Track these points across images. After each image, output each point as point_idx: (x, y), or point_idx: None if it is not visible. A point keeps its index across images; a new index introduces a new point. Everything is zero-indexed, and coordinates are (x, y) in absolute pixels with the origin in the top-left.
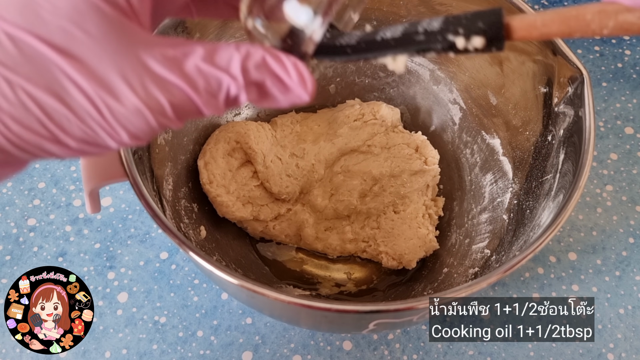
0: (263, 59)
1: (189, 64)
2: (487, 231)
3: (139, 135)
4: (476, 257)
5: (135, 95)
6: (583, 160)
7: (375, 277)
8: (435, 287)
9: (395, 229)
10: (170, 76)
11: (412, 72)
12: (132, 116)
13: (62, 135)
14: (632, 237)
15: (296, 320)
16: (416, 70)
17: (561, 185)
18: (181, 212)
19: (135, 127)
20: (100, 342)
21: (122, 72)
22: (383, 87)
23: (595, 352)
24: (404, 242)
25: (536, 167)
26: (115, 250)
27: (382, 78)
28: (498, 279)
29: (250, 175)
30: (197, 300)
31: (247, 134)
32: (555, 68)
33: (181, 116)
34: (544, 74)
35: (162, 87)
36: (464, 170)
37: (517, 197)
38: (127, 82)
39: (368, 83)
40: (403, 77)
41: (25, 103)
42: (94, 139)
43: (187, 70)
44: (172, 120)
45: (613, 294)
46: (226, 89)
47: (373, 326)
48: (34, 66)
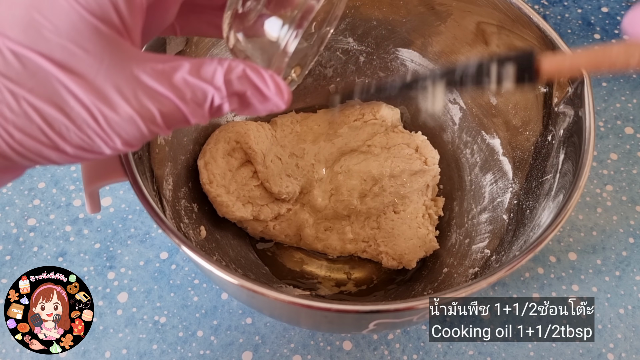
0: (244, 72)
1: (177, 77)
2: (487, 231)
3: (131, 142)
4: (476, 257)
5: (129, 105)
6: (583, 160)
7: (375, 277)
8: (435, 287)
9: (395, 229)
10: (160, 88)
11: (412, 73)
12: (125, 124)
13: (61, 143)
14: (632, 237)
15: (296, 320)
16: (416, 70)
17: (561, 185)
18: (181, 212)
19: (128, 134)
20: (100, 342)
21: (117, 85)
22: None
23: (595, 352)
24: (404, 242)
25: (536, 167)
26: (115, 250)
27: (381, 78)
28: (498, 279)
29: (250, 175)
30: (197, 300)
31: (247, 134)
32: None
33: (170, 124)
34: None
35: (153, 98)
36: (464, 170)
37: (517, 197)
38: (122, 93)
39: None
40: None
41: (28, 113)
42: (90, 146)
43: (175, 82)
44: (161, 127)
45: (613, 294)
46: (211, 99)
47: (373, 326)
48: (37, 80)
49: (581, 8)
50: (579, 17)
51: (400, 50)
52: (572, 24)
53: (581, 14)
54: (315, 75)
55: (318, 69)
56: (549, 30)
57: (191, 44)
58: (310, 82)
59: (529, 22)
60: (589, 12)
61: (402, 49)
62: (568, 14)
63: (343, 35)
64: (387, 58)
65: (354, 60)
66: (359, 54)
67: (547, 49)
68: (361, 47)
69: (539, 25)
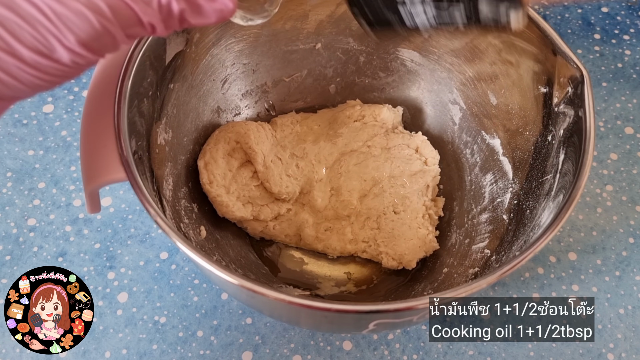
0: None
1: None
2: (487, 231)
3: (87, 42)
4: (476, 257)
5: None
6: (583, 160)
7: (375, 277)
8: (436, 287)
9: (395, 229)
10: None
11: (412, 72)
12: (76, 18)
13: (15, 44)
14: (632, 237)
15: (296, 321)
16: (416, 70)
17: (561, 185)
18: (181, 212)
19: (81, 30)
20: (100, 342)
21: None
22: (383, 87)
23: (595, 352)
24: (404, 243)
25: (536, 167)
26: (115, 250)
27: (382, 78)
28: (498, 279)
29: (251, 175)
30: (197, 300)
31: (247, 134)
32: (555, 68)
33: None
34: (544, 74)
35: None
36: (464, 170)
37: (517, 197)
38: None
39: (368, 83)
40: (403, 77)
41: None
42: (46, 47)
43: None
44: (114, 25)
45: (613, 294)
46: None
47: (373, 326)
48: None
49: (581, 8)
50: (579, 17)
51: (400, 50)
52: (572, 24)
53: (581, 14)
54: (315, 75)
55: (318, 69)
56: (549, 30)
57: (191, 44)
58: (310, 82)
59: (529, 22)
60: (589, 12)
61: (402, 49)
62: (568, 14)
63: (343, 35)
64: (387, 58)
65: (354, 60)
66: (359, 54)
67: (547, 49)
68: (361, 47)
69: (538, 24)
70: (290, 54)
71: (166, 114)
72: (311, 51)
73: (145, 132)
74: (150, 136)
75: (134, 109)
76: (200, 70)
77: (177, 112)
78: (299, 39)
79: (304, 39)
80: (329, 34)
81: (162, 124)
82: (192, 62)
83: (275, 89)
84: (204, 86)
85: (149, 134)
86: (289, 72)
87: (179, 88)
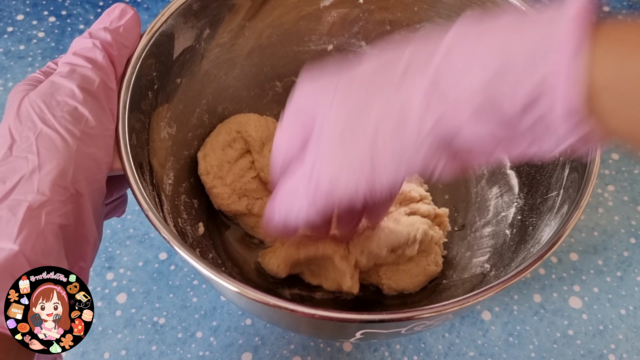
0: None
1: None
2: (488, 245)
3: None
4: (475, 271)
5: None
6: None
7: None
8: (432, 299)
9: (401, 265)
10: None
11: None
12: None
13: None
14: (633, 237)
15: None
16: None
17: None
18: (180, 207)
19: None
20: (99, 343)
21: None
22: None
23: (596, 353)
24: (409, 279)
25: (542, 183)
26: (114, 251)
27: None
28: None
29: (248, 166)
30: (197, 301)
31: (248, 123)
32: None
33: None
34: None
35: None
36: (470, 181)
37: (521, 212)
38: None
39: None
40: None
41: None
42: None
43: None
44: None
45: (614, 295)
46: None
47: (360, 335)
48: None
49: None
50: None
51: None
52: None
53: None
54: None
55: None
56: None
57: (200, 40)
58: None
59: None
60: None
61: None
62: None
63: (356, 38)
64: None
65: None
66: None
67: None
68: (373, 52)
69: None
70: (301, 55)
71: (171, 109)
72: (322, 53)
73: (147, 125)
74: (152, 130)
75: (136, 102)
76: (208, 67)
77: (183, 108)
78: (311, 40)
79: (316, 40)
80: (341, 36)
81: (167, 119)
82: (201, 58)
83: (285, 89)
84: (211, 83)
85: (151, 127)
86: (300, 72)
87: (185, 83)
